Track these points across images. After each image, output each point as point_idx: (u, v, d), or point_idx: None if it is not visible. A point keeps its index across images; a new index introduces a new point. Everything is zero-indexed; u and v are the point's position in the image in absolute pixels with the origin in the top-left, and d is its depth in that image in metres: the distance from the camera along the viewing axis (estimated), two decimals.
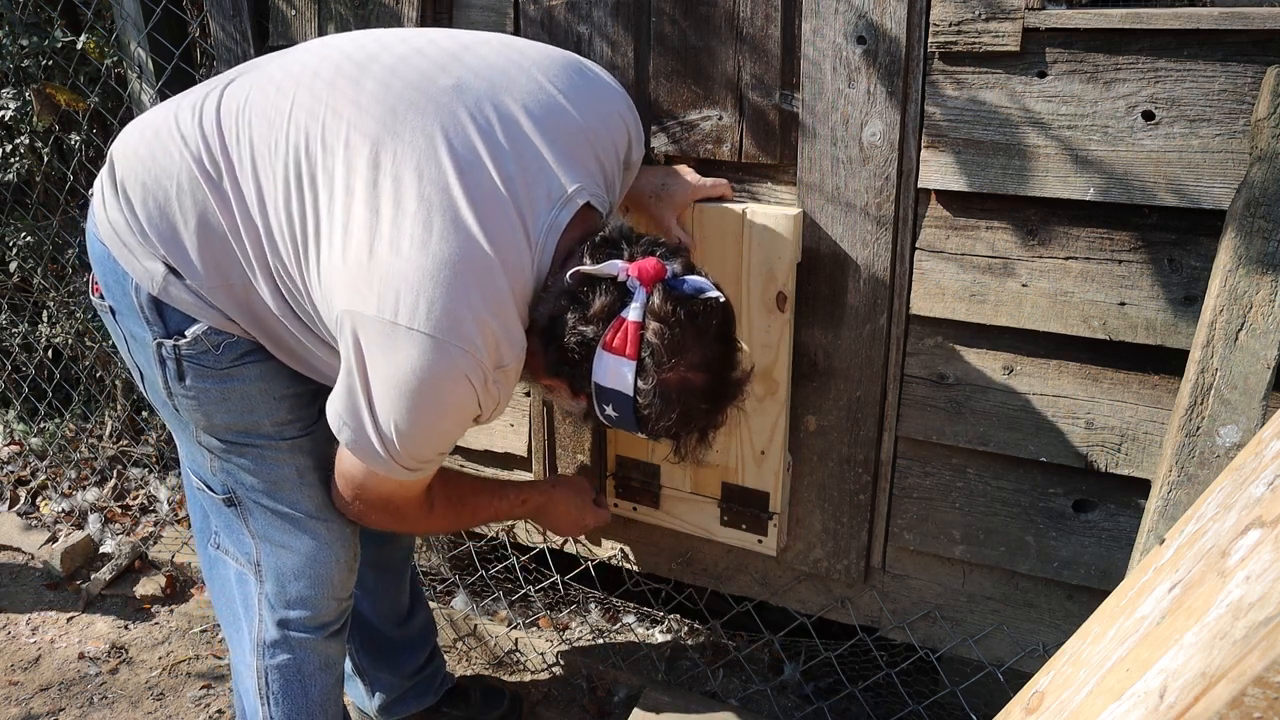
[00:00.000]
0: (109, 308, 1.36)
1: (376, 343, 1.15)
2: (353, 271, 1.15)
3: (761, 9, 1.49)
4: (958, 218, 1.48)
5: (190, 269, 1.27)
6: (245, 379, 1.34)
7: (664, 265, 1.17)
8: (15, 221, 2.83)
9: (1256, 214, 1.18)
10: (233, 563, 1.49)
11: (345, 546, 1.47)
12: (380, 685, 1.91)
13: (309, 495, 1.42)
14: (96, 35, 2.45)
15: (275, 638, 1.48)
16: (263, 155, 1.22)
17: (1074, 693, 0.92)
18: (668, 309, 1.14)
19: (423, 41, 1.28)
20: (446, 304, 1.13)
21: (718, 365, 1.21)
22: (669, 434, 1.25)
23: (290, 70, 1.27)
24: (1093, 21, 1.28)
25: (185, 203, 1.24)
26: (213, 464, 1.41)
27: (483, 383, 1.18)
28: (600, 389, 1.18)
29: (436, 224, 1.13)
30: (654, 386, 1.16)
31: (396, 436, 1.20)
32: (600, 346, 1.16)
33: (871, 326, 1.57)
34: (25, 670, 2.27)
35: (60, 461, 2.98)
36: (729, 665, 2.06)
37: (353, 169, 1.17)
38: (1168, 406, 1.42)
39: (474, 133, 1.18)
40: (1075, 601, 1.61)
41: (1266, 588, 0.72)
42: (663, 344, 1.14)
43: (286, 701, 1.52)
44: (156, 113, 1.34)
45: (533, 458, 1.98)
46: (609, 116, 1.32)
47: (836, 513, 1.72)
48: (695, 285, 1.18)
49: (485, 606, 2.27)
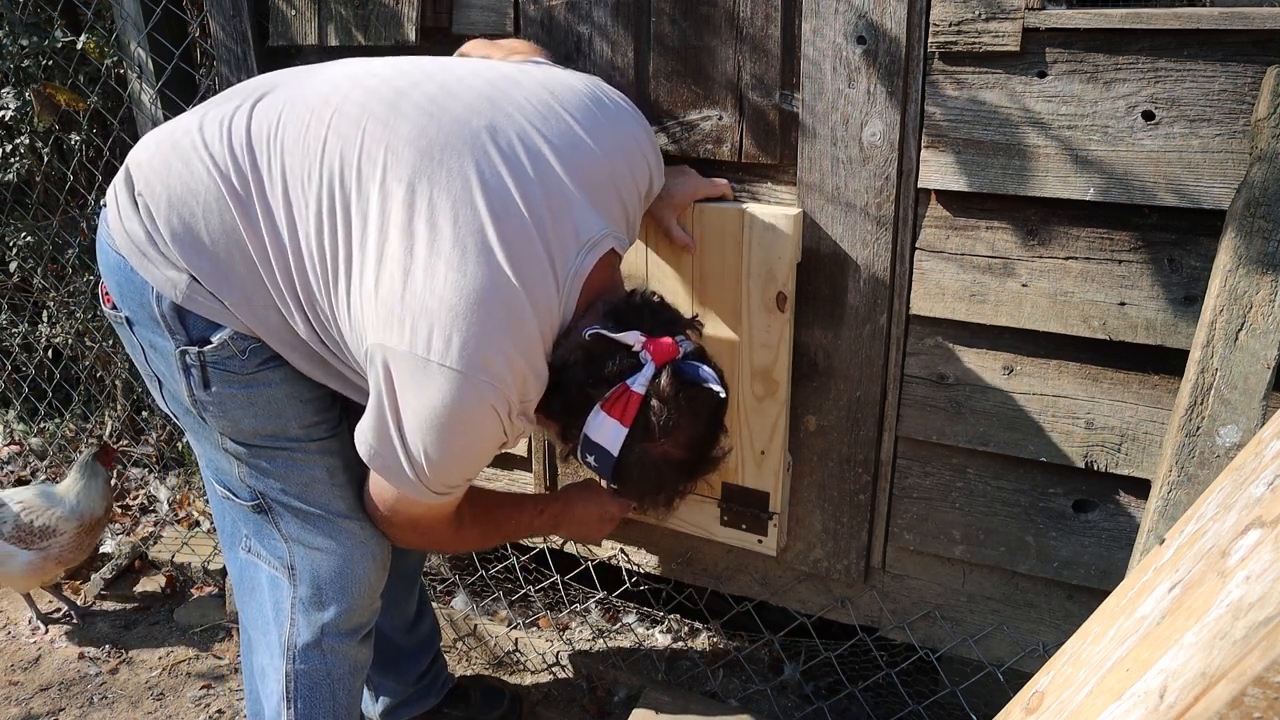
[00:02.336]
0: (125, 318, 1.35)
1: (407, 376, 1.18)
2: (385, 307, 1.18)
3: (761, 9, 1.49)
4: (958, 218, 1.48)
5: (215, 282, 1.27)
6: (271, 383, 1.34)
7: (678, 348, 1.23)
8: (15, 221, 2.83)
9: (1256, 214, 1.18)
10: (265, 566, 1.48)
11: (380, 543, 1.47)
12: (384, 691, 1.91)
13: (340, 495, 1.43)
14: (96, 35, 2.45)
15: (307, 641, 1.47)
16: (295, 183, 1.23)
17: (1074, 693, 0.92)
18: (671, 390, 1.20)
19: (454, 78, 1.29)
20: (478, 342, 1.16)
21: (701, 446, 1.28)
22: (638, 496, 1.34)
23: (327, 97, 1.27)
24: (1093, 21, 1.28)
25: (212, 222, 1.24)
26: (240, 470, 1.40)
27: (508, 414, 1.22)
28: (588, 441, 1.24)
29: (470, 266, 1.16)
30: (637, 455, 1.22)
31: (426, 464, 1.23)
32: (599, 405, 1.21)
33: (871, 326, 1.57)
34: (25, 670, 2.27)
35: (60, 461, 2.98)
36: (729, 665, 2.06)
37: (387, 208, 1.19)
38: (1168, 406, 1.42)
39: (507, 175, 1.20)
40: (1075, 601, 1.61)
41: (1266, 588, 0.72)
42: (658, 421, 1.20)
43: (314, 706, 1.50)
44: (176, 126, 1.32)
45: (533, 458, 1.98)
46: (632, 156, 1.35)
47: (836, 513, 1.72)
48: (703, 374, 1.24)
49: (485, 606, 2.27)
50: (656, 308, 1.28)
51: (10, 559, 2.24)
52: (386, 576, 1.53)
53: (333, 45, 1.85)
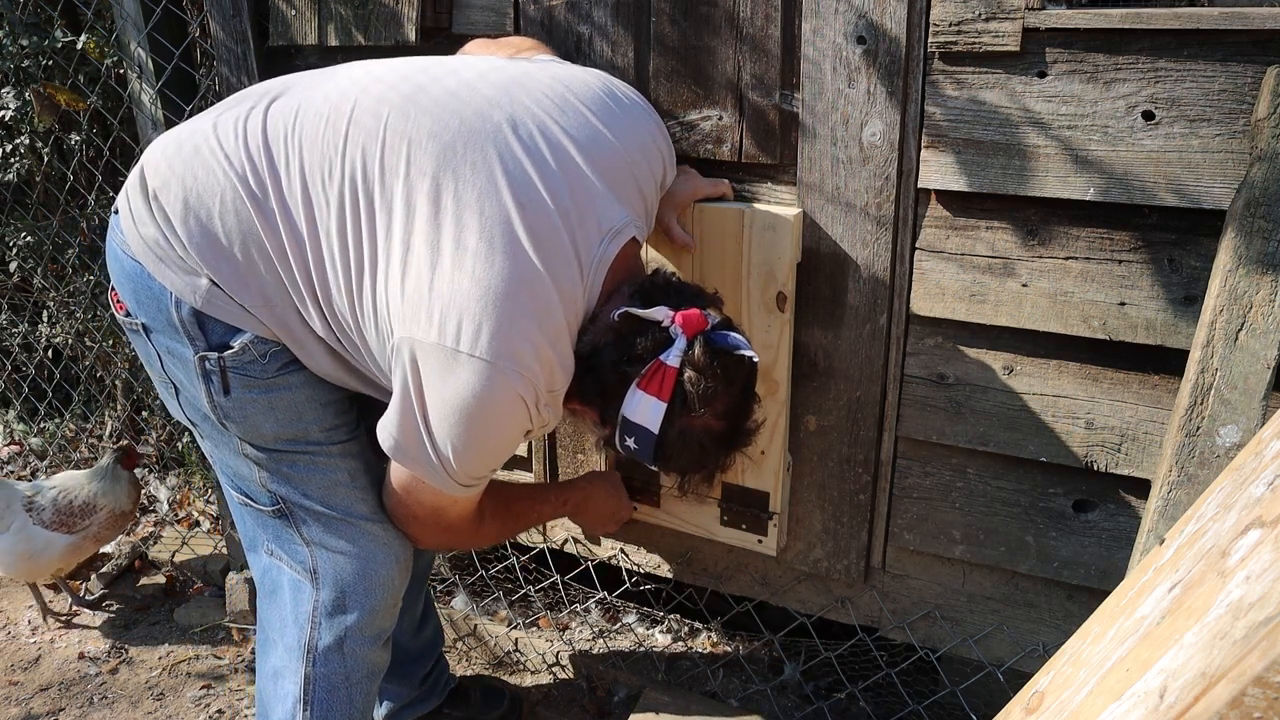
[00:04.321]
0: (141, 326, 1.34)
1: (435, 368, 1.18)
2: (412, 301, 1.18)
3: (761, 9, 1.49)
4: (958, 218, 1.48)
5: (234, 285, 1.26)
6: (291, 387, 1.34)
7: (706, 318, 1.23)
8: (15, 221, 2.83)
9: (1256, 214, 1.18)
10: (289, 570, 1.48)
11: (403, 546, 1.47)
12: (389, 696, 1.92)
13: (362, 498, 1.42)
14: (96, 35, 2.45)
15: (329, 644, 1.46)
16: (314, 179, 1.23)
17: (1074, 693, 0.92)
18: (705, 360, 1.20)
19: (473, 74, 1.29)
20: (506, 332, 1.17)
21: (737, 415, 1.29)
22: (680, 471, 1.33)
23: (345, 92, 1.27)
24: (1093, 21, 1.28)
25: (230, 222, 1.24)
26: (260, 476, 1.40)
27: (535, 404, 1.23)
28: (627, 422, 1.24)
29: (498, 258, 1.17)
30: (679, 429, 1.22)
31: (453, 455, 1.23)
32: (635, 384, 1.21)
33: (871, 326, 1.57)
34: (25, 670, 2.27)
35: (60, 461, 2.98)
36: (729, 665, 2.06)
37: (413, 202, 1.20)
38: (1168, 406, 1.42)
39: (530, 167, 1.21)
40: (1075, 601, 1.61)
41: (1266, 588, 0.72)
42: (696, 391, 1.20)
43: (330, 709, 1.49)
44: (189, 128, 1.32)
45: (533, 458, 1.98)
46: (647, 147, 1.36)
47: (836, 513, 1.72)
48: (734, 341, 1.24)
49: (485, 606, 2.27)
50: (679, 285, 1.29)
51: (51, 546, 2.26)
52: (408, 578, 1.52)
53: (333, 45, 1.85)
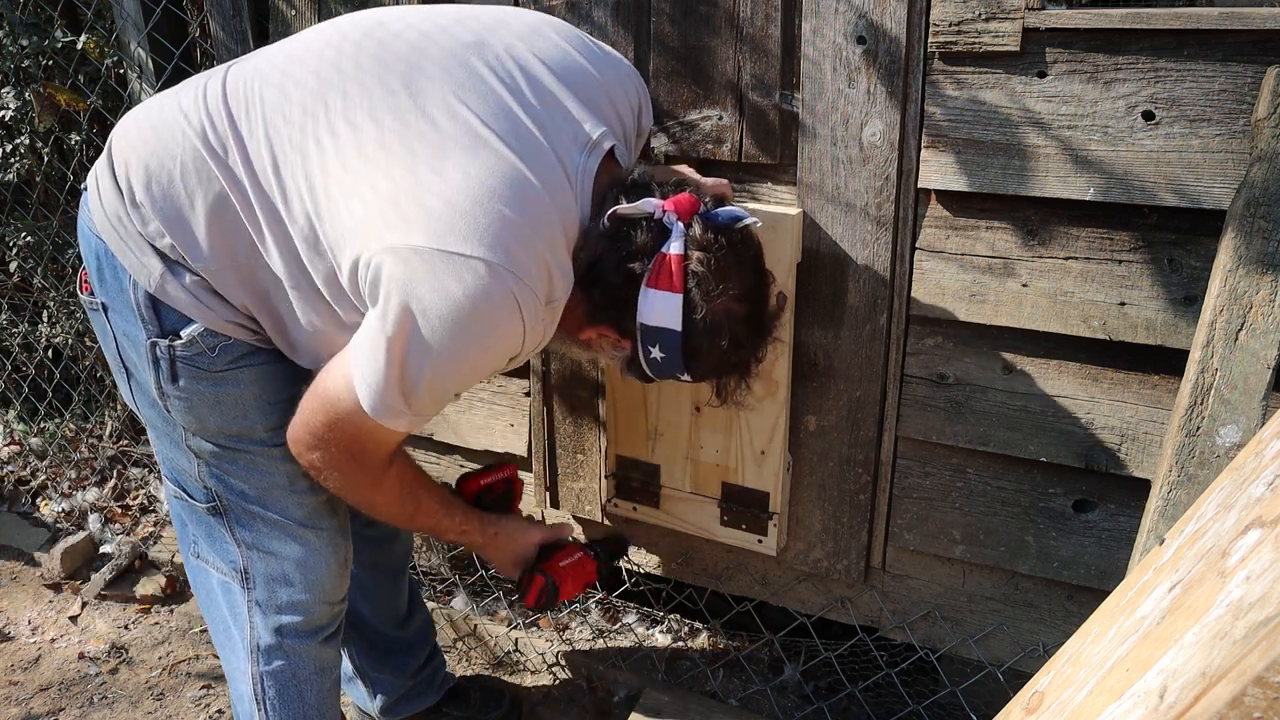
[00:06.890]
0: (101, 305, 1.33)
1: (423, 275, 1.10)
2: (392, 208, 1.12)
3: (761, 9, 1.49)
4: (958, 218, 1.48)
5: (196, 251, 1.25)
6: (240, 383, 1.33)
7: (697, 199, 1.19)
8: (15, 221, 2.83)
9: (1256, 214, 1.18)
10: (214, 572, 1.47)
11: (336, 552, 1.46)
12: (382, 686, 1.91)
13: (298, 502, 1.41)
14: (96, 35, 2.45)
15: (269, 643, 1.47)
16: (276, 120, 1.21)
17: (1074, 692, 0.92)
18: (709, 238, 1.16)
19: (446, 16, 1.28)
20: (501, 230, 1.11)
21: (756, 295, 1.25)
22: (714, 371, 1.27)
23: (308, 43, 1.27)
24: (1093, 21, 1.28)
25: (190, 181, 1.23)
26: (200, 470, 1.39)
27: (533, 315, 1.16)
28: (646, 329, 1.19)
29: (482, 155, 1.13)
30: (702, 318, 1.17)
31: (427, 369, 1.14)
32: (645, 284, 1.17)
33: (871, 326, 1.57)
34: (25, 670, 2.27)
35: (60, 461, 2.98)
36: (729, 665, 2.06)
37: (378, 116, 1.17)
38: (1168, 406, 1.42)
39: (499, 85, 1.19)
40: (1075, 601, 1.61)
41: (1266, 588, 0.72)
42: (709, 271, 1.16)
43: (283, 707, 1.51)
44: (152, 100, 1.33)
45: (533, 458, 1.97)
46: (622, 78, 1.34)
47: (836, 513, 1.72)
48: (731, 214, 1.20)
49: (485, 606, 2.27)
50: (659, 176, 1.25)
51: None
52: (347, 581, 1.52)
53: None
